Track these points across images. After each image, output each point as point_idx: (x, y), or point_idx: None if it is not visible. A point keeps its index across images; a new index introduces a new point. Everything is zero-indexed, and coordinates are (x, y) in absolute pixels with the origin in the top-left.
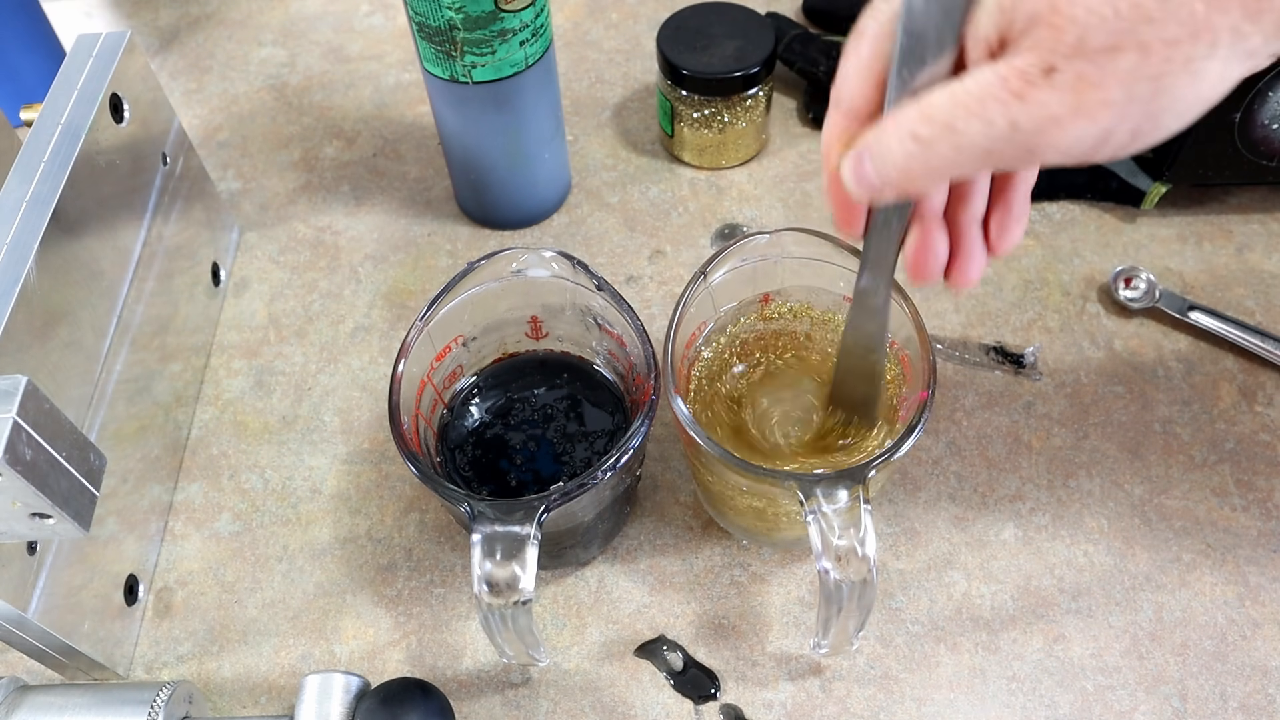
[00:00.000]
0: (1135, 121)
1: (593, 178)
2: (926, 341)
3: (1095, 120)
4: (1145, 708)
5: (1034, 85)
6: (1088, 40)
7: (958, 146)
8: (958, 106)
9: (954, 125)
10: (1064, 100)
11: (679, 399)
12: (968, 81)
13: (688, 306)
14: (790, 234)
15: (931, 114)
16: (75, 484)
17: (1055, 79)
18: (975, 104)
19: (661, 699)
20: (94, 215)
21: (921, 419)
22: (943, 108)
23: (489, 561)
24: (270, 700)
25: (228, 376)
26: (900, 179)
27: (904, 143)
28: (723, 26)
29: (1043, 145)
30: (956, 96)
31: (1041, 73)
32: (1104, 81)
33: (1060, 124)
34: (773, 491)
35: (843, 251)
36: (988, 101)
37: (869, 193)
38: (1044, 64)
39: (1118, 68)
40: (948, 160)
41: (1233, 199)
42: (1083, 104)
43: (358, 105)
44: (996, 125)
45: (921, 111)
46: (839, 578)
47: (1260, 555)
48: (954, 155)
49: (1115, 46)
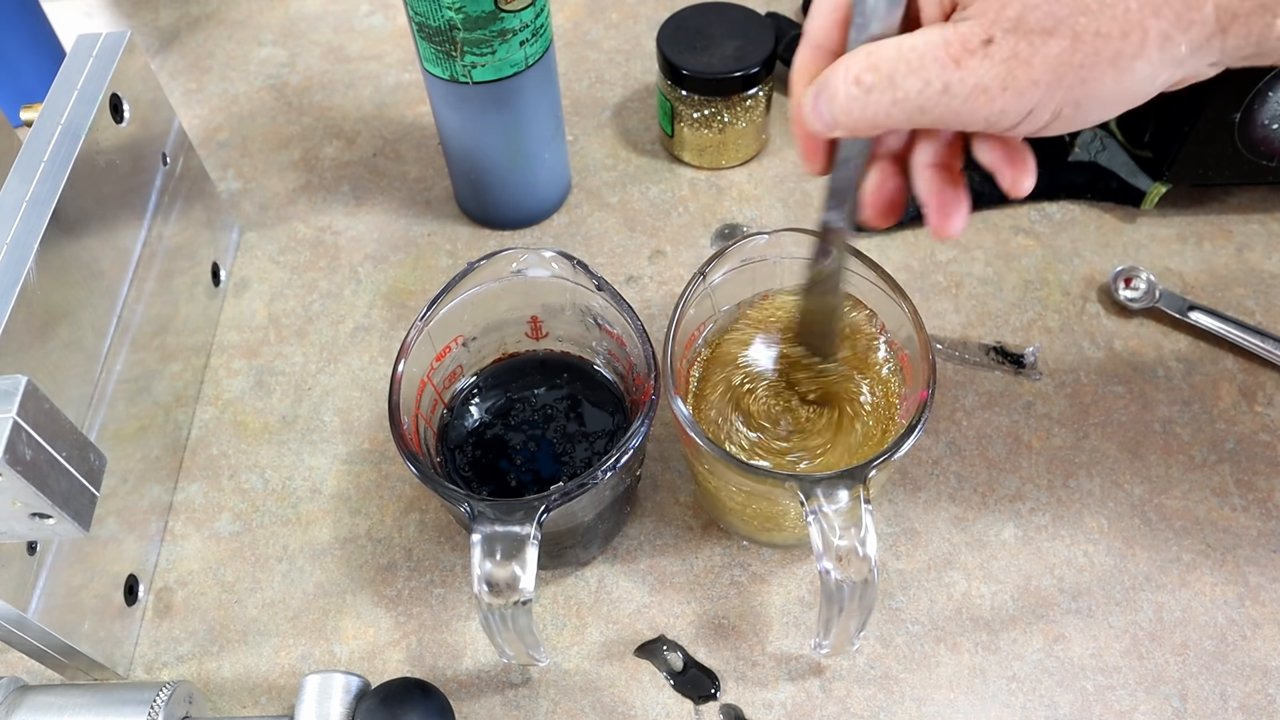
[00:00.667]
0: (1058, 104)
1: (593, 178)
2: (926, 341)
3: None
4: (1145, 708)
5: (972, 53)
6: (1026, 19)
7: (894, 100)
8: (901, 61)
9: (894, 78)
10: (995, 73)
11: (679, 400)
12: (916, 38)
13: (687, 307)
14: (790, 234)
15: (878, 64)
16: (75, 484)
17: (991, 51)
18: (917, 61)
19: (661, 699)
20: (94, 215)
21: (921, 419)
22: (888, 59)
23: (489, 561)
24: (270, 700)
25: (228, 376)
26: (845, 120)
27: (848, 85)
28: (723, 26)
29: (969, 112)
30: (902, 51)
31: (981, 42)
32: (1033, 61)
33: (989, 95)
34: (773, 492)
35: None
36: (928, 61)
37: (823, 128)
38: (984, 34)
39: (1049, 51)
40: (883, 111)
41: (1233, 199)
42: (1012, 80)
43: (358, 105)
44: (932, 86)
45: (869, 59)
46: (840, 578)
47: (1260, 555)
48: (889, 107)
49: (1050, 30)
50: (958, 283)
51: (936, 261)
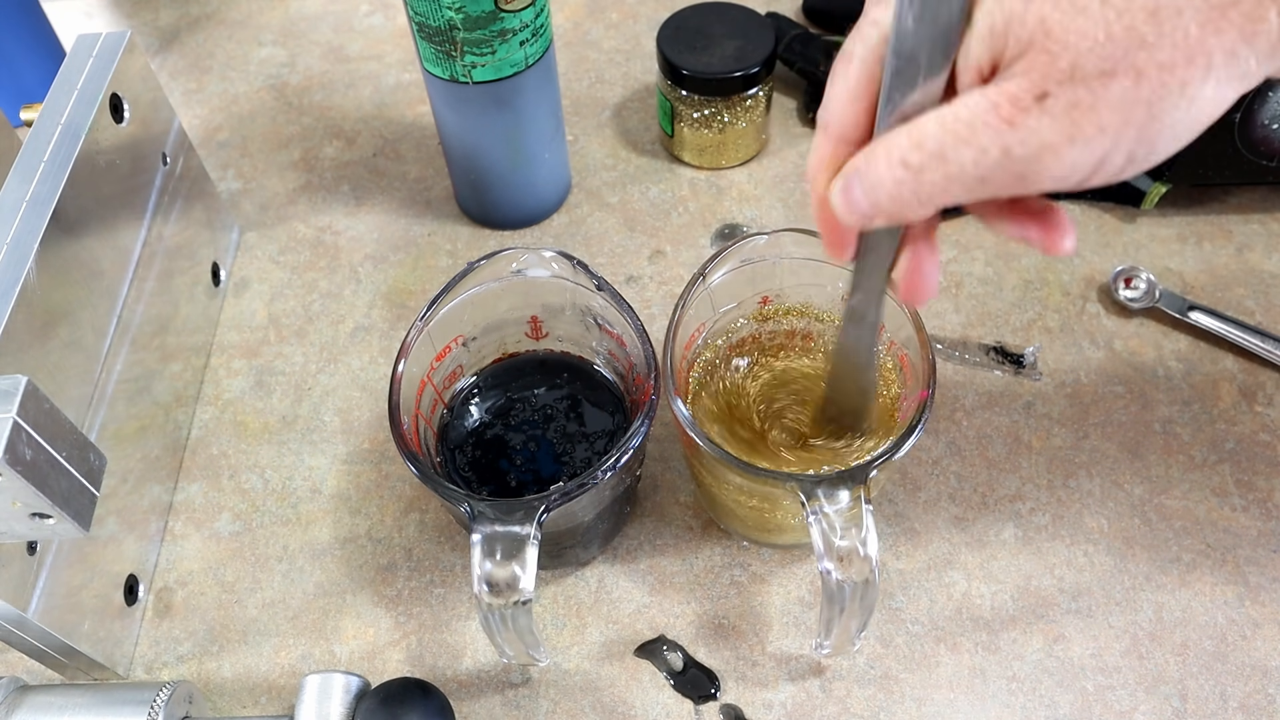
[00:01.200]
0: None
1: (593, 178)
2: (926, 341)
3: (1090, 146)
4: (1145, 708)
5: (1027, 111)
6: (1081, 65)
7: (949, 175)
8: (948, 134)
9: (944, 153)
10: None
11: (679, 401)
12: (958, 107)
13: (687, 308)
14: (789, 234)
15: (922, 141)
16: (75, 484)
17: (1048, 105)
18: (966, 131)
19: (661, 699)
20: (94, 215)
21: (922, 419)
22: (933, 135)
23: (489, 561)
24: (270, 700)
25: (228, 376)
26: (891, 206)
27: (894, 169)
28: (723, 26)
29: (1037, 172)
30: (946, 123)
31: (1034, 99)
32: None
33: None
34: (773, 493)
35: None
36: (979, 128)
37: (859, 219)
38: (1037, 90)
39: (1111, 93)
40: (939, 188)
41: (1233, 199)
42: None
43: (358, 105)
44: (989, 153)
45: (911, 138)
46: (841, 578)
47: (1260, 555)
48: (945, 184)
49: (1109, 71)
50: (958, 283)
51: None
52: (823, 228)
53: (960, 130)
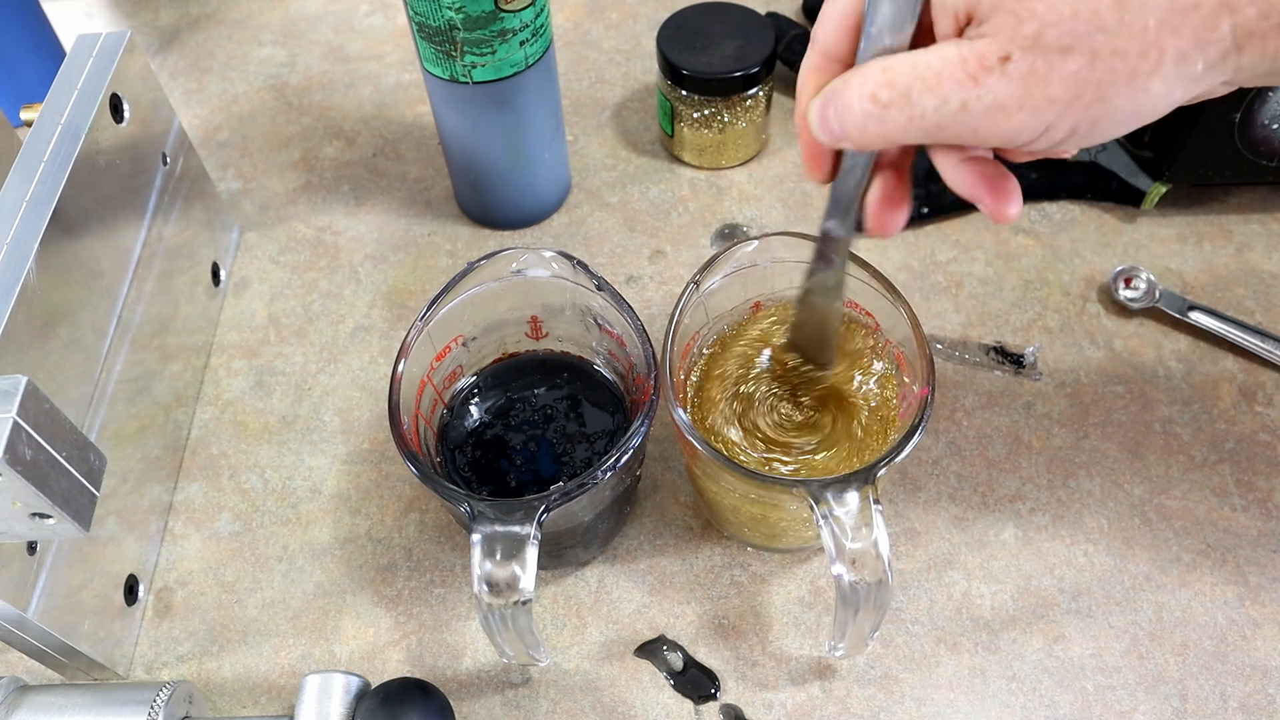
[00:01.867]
0: (1074, 121)
1: (593, 178)
2: (923, 338)
3: (1038, 114)
4: (1145, 708)
5: (989, 70)
6: (1044, 36)
7: (911, 116)
8: (917, 78)
9: (910, 95)
10: (1013, 91)
11: (679, 408)
12: (931, 54)
13: (682, 317)
14: (779, 239)
15: (893, 79)
16: (75, 484)
17: (1009, 68)
18: (934, 78)
19: (661, 699)
20: (94, 215)
21: (924, 417)
22: (904, 75)
23: (489, 561)
24: (270, 700)
25: (228, 376)
26: (857, 135)
27: (863, 102)
28: (723, 26)
29: (986, 129)
30: (918, 67)
31: (999, 59)
32: (1051, 78)
33: (1006, 112)
34: (777, 498)
35: None
36: (945, 79)
37: (830, 139)
38: (1002, 51)
39: (1066, 68)
40: (900, 127)
41: (1233, 199)
42: (1029, 98)
43: (358, 105)
44: (949, 103)
45: (885, 75)
46: (854, 580)
47: (1260, 555)
48: (906, 124)
49: (1068, 47)
50: (958, 283)
51: (936, 261)
52: (802, 144)
53: (929, 76)
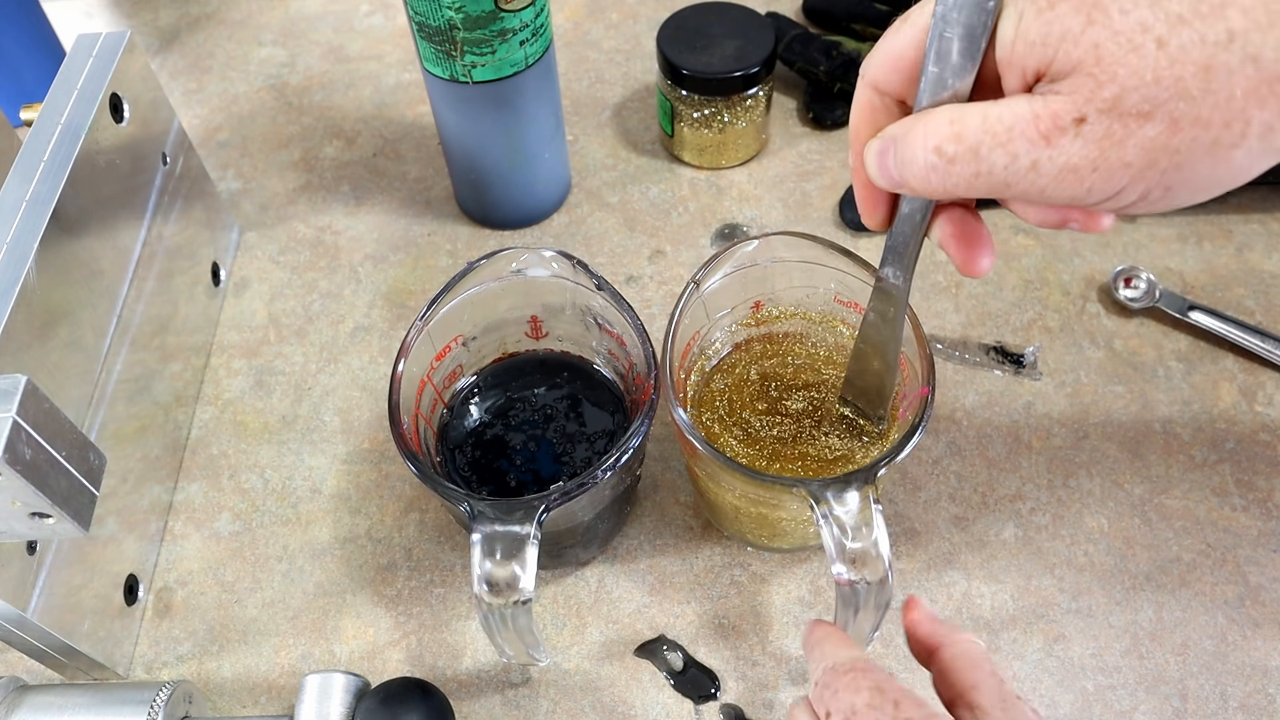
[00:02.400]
0: (1146, 187)
1: (593, 178)
2: (923, 338)
3: (1111, 178)
4: (1145, 708)
5: (1064, 131)
6: (1124, 100)
7: (978, 172)
8: (987, 133)
9: (979, 151)
10: (1087, 154)
11: (679, 408)
12: (1002, 109)
13: (682, 317)
14: (780, 238)
15: (961, 132)
16: (75, 484)
17: (1084, 130)
18: (1005, 135)
19: (661, 699)
20: (94, 215)
21: (925, 416)
22: (973, 129)
23: (489, 561)
24: (270, 700)
25: (228, 376)
26: (918, 186)
27: (928, 154)
28: (723, 26)
29: (1054, 190)
30: (989, 123)
31: (1073, 120)
32: (1127, 143)
33: (1078, 174)
34: (776, 498)
35: (833, 253)
36: (1016, 137)
37: (889, 185)
38: (1078, 112)
39: (1144, 134)
40: (965, 181)
41: (1233, 199)
42: (1104, 161)
43: (358, 105)
44: (1019, 162)
45: (953, 128)
46: (855, 579)
47: (1260, 555)
48: (972, 179)
49: (1147, 114)
50: (958, 283)
51: (936, 261)
52: (858, 187)
53: (999, 133)
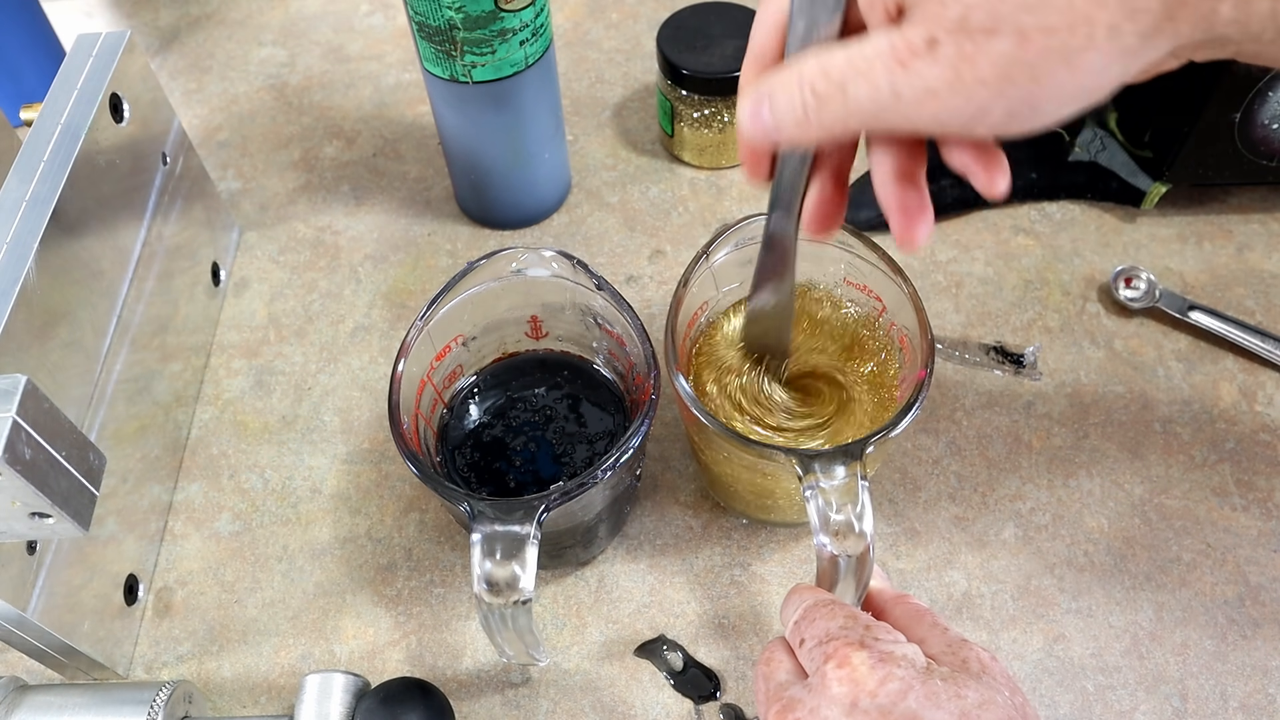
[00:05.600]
0: (1010, 103)
1: (593, 178)
2: (925, 321)
3: (970, 98)
4: (1145, 708)
5: (917, 55)
6: (969, 18)
7: (846, 106)
8: (850, 68)
9: (845, 86)
10: (942, 74)
11: (680, 376)
12: (865, 46)
13: (689, 285)
14: None
15: (829, 71)
16: (75, 483)
17: (937, 52)
18: (865, 66)
19: (661, 699)
20: (94, 215)
21: (919, 397)
22: (838, 66)
23: (489, 561)
24: (270, 700)
25: (228, 376)
26: (794, 129)
27: (803, 93)
28: (723, 26)
29: (920, 114)
30: (852, 59)
31: (925, 44)
32: (979, 60)
33: (937, 96)
34: (771, 467)
35: (844, 234)
36: (876, 66)
37: (764, 135)
38: (928, 36)
39: (994, 49)
40: (837, 117)
41: (1233, 199)
42: (959, 80)
43: (358, 105)
44: (881, 90)
45: (821, 67)
46: (836, 552)
47: (1260, 555)
48: (843, 113)
49: (993, 29)
50: (958, 283)
51: (936, 261)
52: (740, 146)
53: (861, 65)
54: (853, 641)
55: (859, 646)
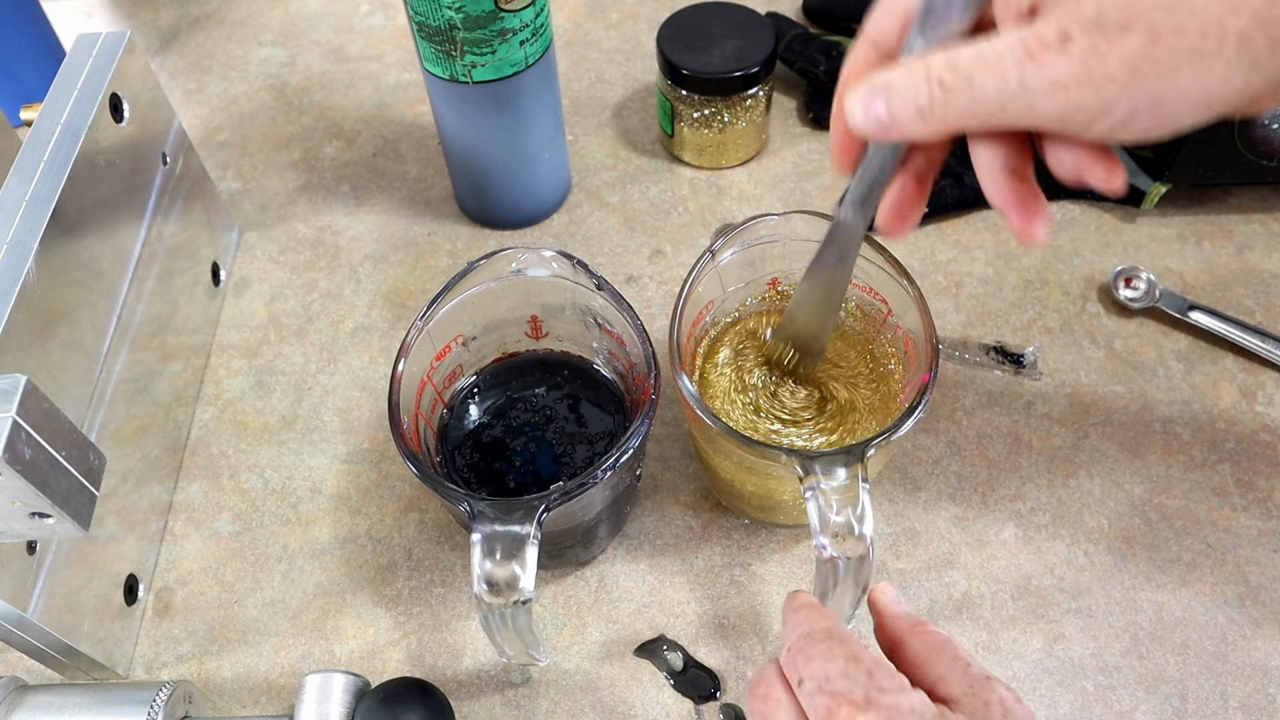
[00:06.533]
0: (1134, 101)
1: (593, 178)
2: (930, 324)
3: (1096, 92)
4: (1145, 708)
5: (1048, 49)
6: (1104, 15)
7: (972, 98)
8: (979, 61)
9: (972, 78)
10: (1071, 68)
11: (684, 376)
12: (996, 41)
13: (695, 284)
14: (800, 216)
15: (957, 64)
16: (75, 483)
17: (1069, 47)
18: (995, 60)
19: (661, 699)
20: (94, 215)
21: (922, 400)
22: (967, 61)
23: (489, 561)
24: (270, 700)
25: (228, 376)
26: (912, 122)
27: (930, 85)
28: (723, 26)
29: (1045, 108)
30: (981, 53)
31: (1058, 39)
32: (1110, 56)
33: (1065, 90)
34: (775, 468)
35: None
36: (1006, 59)
37: (875, 129)
38: (1061, 32)
39: (1126, 46)
40: (961, 109)
41: (1233, 199)
42: (1088, 75)
43: (358, 105)
44: (1009, 83)
45: (949, 61)
46: (835, 554)
47: (1260, 555)
48: (968, 105)
49: (1126, 25)
50: (958, 283)
51: (937, 261)
52: (834, 133)
53: (990, 59)
54: (856, 700)
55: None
